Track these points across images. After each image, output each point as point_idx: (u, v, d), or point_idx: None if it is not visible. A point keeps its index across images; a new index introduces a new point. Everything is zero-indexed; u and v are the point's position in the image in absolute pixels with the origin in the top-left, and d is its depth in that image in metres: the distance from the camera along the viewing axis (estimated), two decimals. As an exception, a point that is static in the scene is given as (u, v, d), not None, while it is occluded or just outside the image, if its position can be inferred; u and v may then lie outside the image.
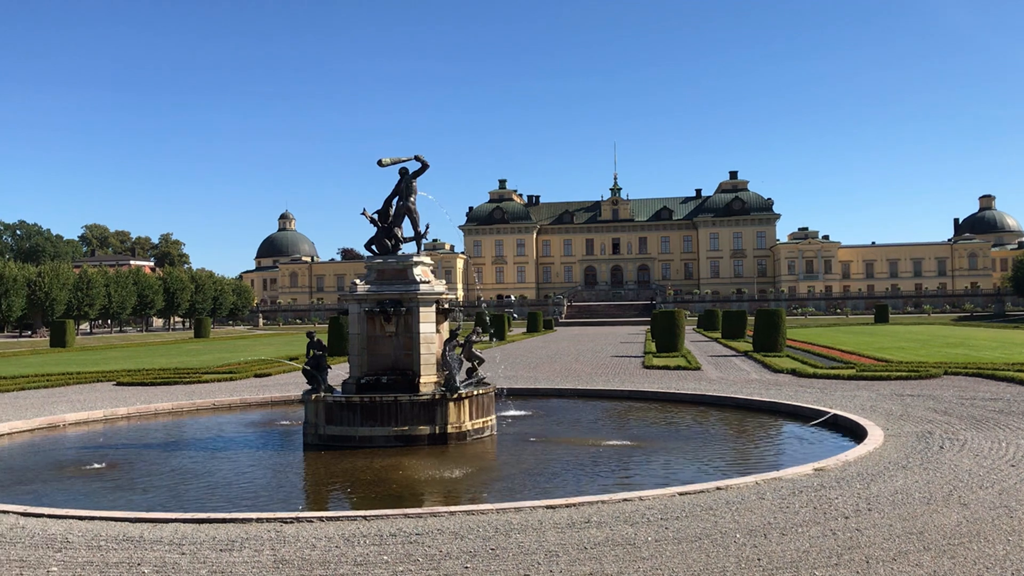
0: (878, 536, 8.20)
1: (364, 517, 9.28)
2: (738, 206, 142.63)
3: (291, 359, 34.97)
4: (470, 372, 17.03)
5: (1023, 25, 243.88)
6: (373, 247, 17.28)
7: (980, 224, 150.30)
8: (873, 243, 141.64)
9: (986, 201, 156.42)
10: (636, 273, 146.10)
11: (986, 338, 48.39)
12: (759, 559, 7.51)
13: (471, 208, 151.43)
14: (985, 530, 8.36)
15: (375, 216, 17.28)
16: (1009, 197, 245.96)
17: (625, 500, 9.82)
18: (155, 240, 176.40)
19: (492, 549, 7.98)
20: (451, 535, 8.51)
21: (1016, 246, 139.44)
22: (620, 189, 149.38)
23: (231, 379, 28.43)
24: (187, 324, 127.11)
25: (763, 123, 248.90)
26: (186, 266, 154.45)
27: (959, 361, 29.18)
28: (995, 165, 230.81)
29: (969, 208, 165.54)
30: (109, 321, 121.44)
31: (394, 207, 17.20)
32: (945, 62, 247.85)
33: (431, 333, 16.48)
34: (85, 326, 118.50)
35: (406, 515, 9.33)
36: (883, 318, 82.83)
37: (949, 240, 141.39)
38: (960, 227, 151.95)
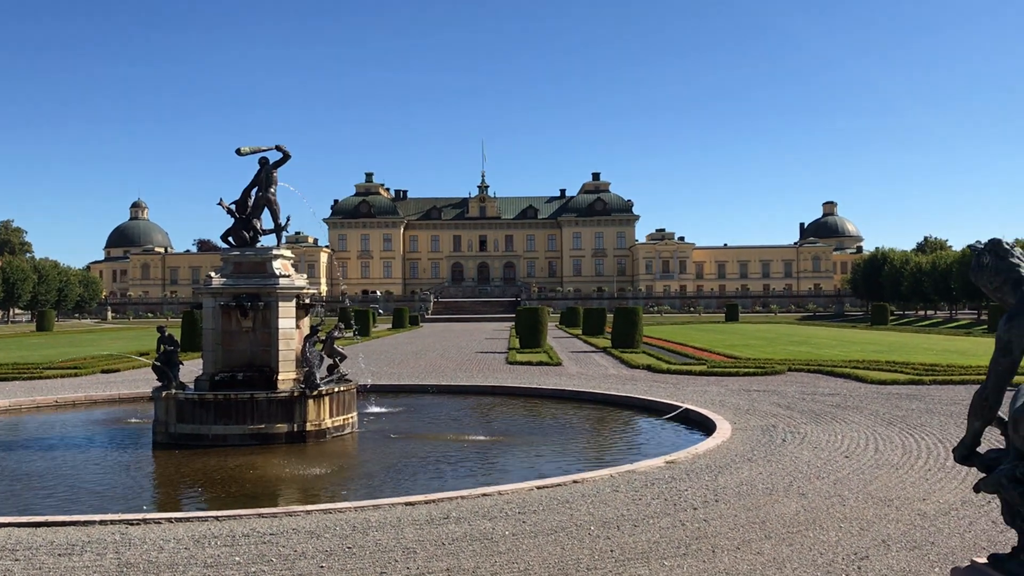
0: (724, 526, 8.58)
1: (216, 518, 8.99)
2: (600, 207, 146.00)
3: (141, 354, 33.50)
4: (331, 369, 16.74)
5: (867, 39, 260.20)
6: (230, 239, 16.74)
7: (823, 229, 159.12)
8: (725, 245, 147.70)
9: (829, 207, 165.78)
10: (502, 270, 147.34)
11: (827, 337, 51.44)
12: (612, 550, 7.72)
13: (336, 201, 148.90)
14: (821, 518, 8.87)
15: (232, 207, 16.73)
16: (850, 204, 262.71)
17: (484, 495, 9.90)
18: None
19: (349, 548, 7.88)
20: (307, 534, 8.35)
21: (855, 250, 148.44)
22: (488, 187, 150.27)
23: (76, 375, 26.97)
24: (29, 317, 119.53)
25: (625, 126, 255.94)
26: (28, 255, 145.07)
27: (802, 358, 30.87)
28: (838, 173, 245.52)
29: (814, 213, 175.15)
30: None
31: (253, 198, 16.70)
32: (793, 74, 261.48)
33: (290, 329, 16.12)
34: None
35: (260, 515, 9.10)
36: (733, 317, 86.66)
37: (795, 244, 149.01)
38: (805, 231, 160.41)
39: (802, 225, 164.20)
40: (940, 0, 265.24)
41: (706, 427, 15.74)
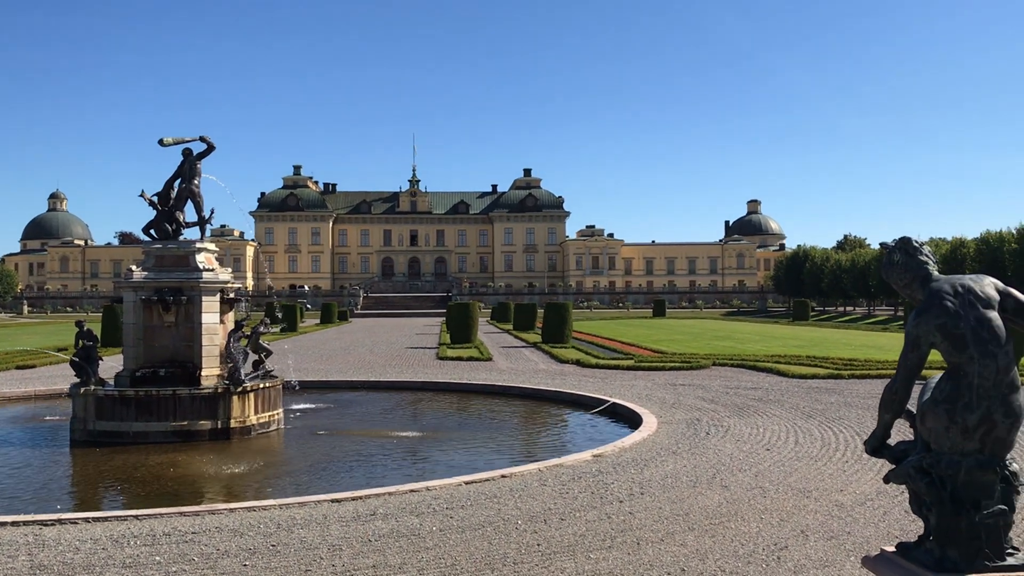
0: (649, 518, 8.71)
1: (135, 517, 8.76)
2: (531, 203, 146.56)
3: (59, 350, 32.45)
4: (257, 364, 16.48)
5: (789, 40, 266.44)
6: (152, 232, 16.33)
7: (747, 227, 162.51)
8: (653, 242, 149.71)
9: (753, 206, 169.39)
10: (433, 265, 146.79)
11: (750, 332, 52.58)
12: (539, 544, 7.77)
13: (263, 194, 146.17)
14: (742, 510, 9.07)
15: (155, 199, 16.32)
16: (773, 202, 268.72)
17: (412, 491, 9.86)
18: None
19: (273, 546, 7.77)
20: (230, 533, 8.21)
21: (778, 248, 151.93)
22: (419, 181, 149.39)
23: (-13, 372, 25.99)
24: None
25: (556, 124, 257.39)
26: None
27: (726, 353, 31.50)
28: (762, 173, 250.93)
29: (738, 212, 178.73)
30: None
31: (176, 190, 16.32)
32: (719, 74, 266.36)
33: (214, 324, 15.80)
34: None
35: (182, 513, 8.91)
36: (661, 312, 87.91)
37: (720, 241, 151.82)
38: (730, 229, 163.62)
39: (727, 223, 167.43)
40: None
41: (633, 421, 15.94)
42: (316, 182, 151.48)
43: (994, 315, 4.26)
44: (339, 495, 9.67)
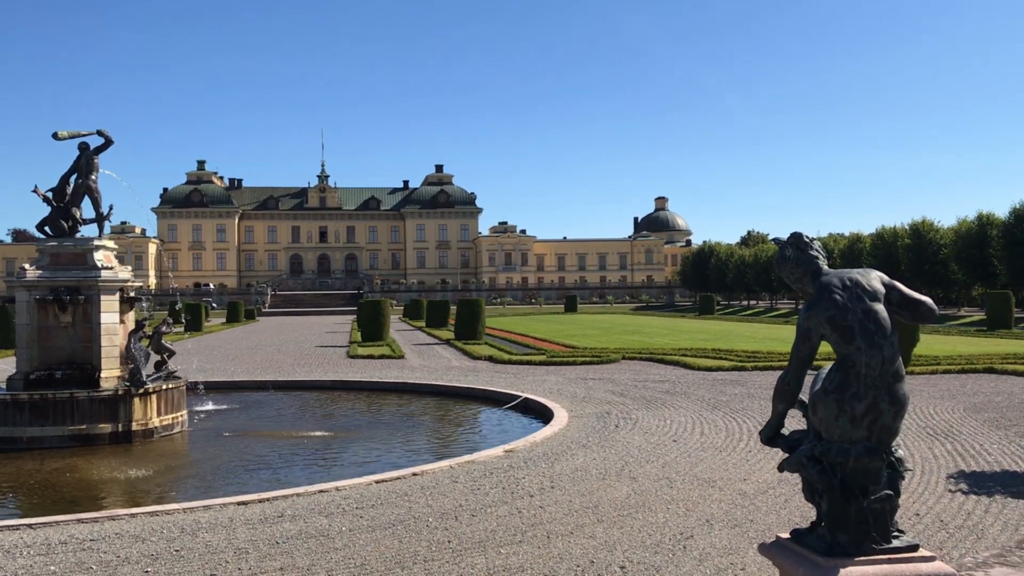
0: (559, 512, 8.81)
1: (29, 525, 8.42)
2: (443, 199, 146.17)
3: (-55, 353, 30.88)
4: (159, 365, 16.03)
5: (697, 39, 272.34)
6: (47, 229, 15.70)
7: (656, 223, 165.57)
8: (565, 238, 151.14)
9: (661, 202, 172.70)
10: (344, 262, 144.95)
11: (658, 326, 53.65)
12: (450, 541, 7.78)
13: (166, 189, 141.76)
14: (650, 501, 9.26)
15: (49, 194, 15.68)
16: (681, 199, 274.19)
17: (321, 491, 9.74)
18: None
19: (177, 551, 7.58)
20: (131, 539, 7.96)
21: (685, 243, 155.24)
22: (328, 176, 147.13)
23: None
24: None
25: (467, 120, 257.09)
26: None
27: (635, 347, 32.06)
28: (669, 170, 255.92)
29: (647, 208, 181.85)
30: None
31: (72, 185, 15.73)
32: (627, 73, 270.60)
33: (114, 324, 15.28)
34: None
35: (80, 520, 8.60)
36: (572, 308, 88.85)
37: (629, 237, 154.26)
38: (639, 225, 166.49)
39: (636, 219, 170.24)
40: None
41: (544, 415, 16.09)
42: (221, 177, 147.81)
43: (880, 307, 4.46)
44: (246, 497, 9.49)
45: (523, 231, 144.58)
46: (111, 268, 15.47)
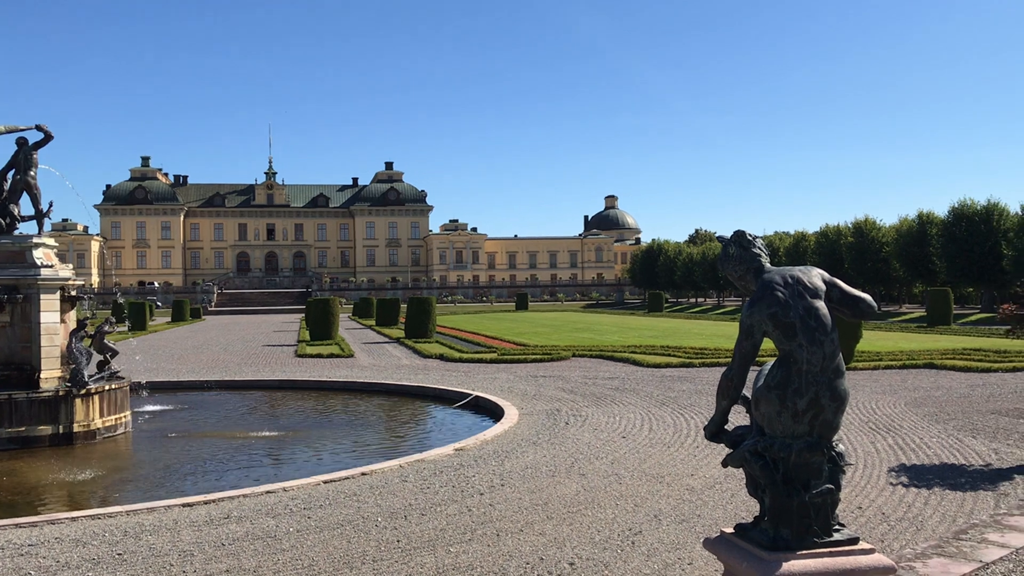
0: (509, 509, 8.82)
1: (-36, 532, 8.18)
2: (393, 196, 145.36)
3: None
4: (102, 365, 15.69)
5: (648, 41, 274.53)
6: (-17, 226, 15.26)
7: (605, 221, 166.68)
8: (516, 236, 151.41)
9: (610, 201, 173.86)
10: (292, 260, 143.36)
11: (608, 323, 54.03)
12: (399, 540, 7.74)
13: (109, 186, 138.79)
14: (599, 497, 9.31)
15: (-15, 191, 15.25)
16: (630, 198, 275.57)
17: (268, 492, 9.63)
18: None
19: (119, 554, 7.42)
20: (72, 543, 7.78)
21: (634, 242, 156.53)
22: (276, 173, 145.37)
23: None
24: None
25: (418, 117, 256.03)
26: None
27: (585, 344, 32.25)
28: (619, 168, 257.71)
29: (597, 206, 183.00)
30: None
31: (10, 181, 15.31)
32: (576, 72, 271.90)
33: (54, 323, 14.92)
34: None
35: (17, 525, 8.37)
36: (523, 305, 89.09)
37: (580, 235, 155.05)
38: (589, 223, 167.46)
39: (586, 218, 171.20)
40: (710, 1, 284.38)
41: (495, 413, 16.10)
42: (166, 174, 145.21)
43: (821, 304, 4.54)
44: (191, 499, 9.34)
45: (474, 229, 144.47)
46: (51, 266, 15.10)
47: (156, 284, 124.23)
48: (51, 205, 15.58)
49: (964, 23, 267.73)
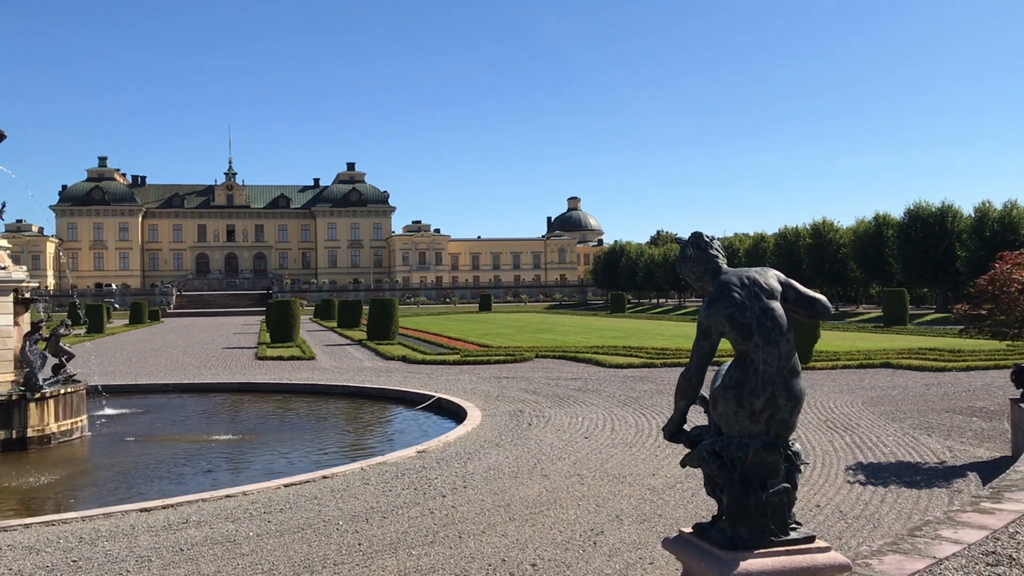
0: (471, 511, 8.81)
1: (-87, 541, 7.98)
2: (355, 197, 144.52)
3: None
4: (57, 369, 15.41)
5: (610, 43, 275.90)
6: (-68, 227, 14.94)
7: (568, 223, 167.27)
8: (479, 237, 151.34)
9: (573, 203, 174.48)
10: (252, 262, 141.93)
11: (571, 324, 54.19)
12: (360, 544, 7.70)
13: (65, 187, 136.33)
14: (561, 497, 9.34)
15: (-65, 191, 14.91)
16: (593, 199, 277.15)
17: (228, 496, 9.52)
18: None
19: (74, 561, 7.30)
20: (25, 550, 7.63)
21: (597, 243, 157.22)
22: (236, 174, 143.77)
23: None
24: None
25: (380, 117, 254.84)
26: None
27: (548, 345, 32.31)
28: (581, 170, 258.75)
29: (560, 208, 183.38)
30: None
31: (-40, 182, 15.00)
32: (540, 74, 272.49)
33: (7, 326, 14.61)
34: None
35: (-32, 533, 8.19)
36: (487, 306, 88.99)
37: (543, 237, 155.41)
38: (552, 225, 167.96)
39: (549, 219, 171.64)
40: (672, 1, 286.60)
41: (458, 415, 16.07)
42: (124, 174, 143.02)
43: (777, 305, 4.59)
44: (148, 504, 9.21)
45: (437, 230, 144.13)
46: (4, 268, 14.80)
47: (114, 286, 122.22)
48: (4, 206, 15.28)
49: (916, 25, 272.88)
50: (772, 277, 4.72)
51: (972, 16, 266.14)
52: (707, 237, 4.88)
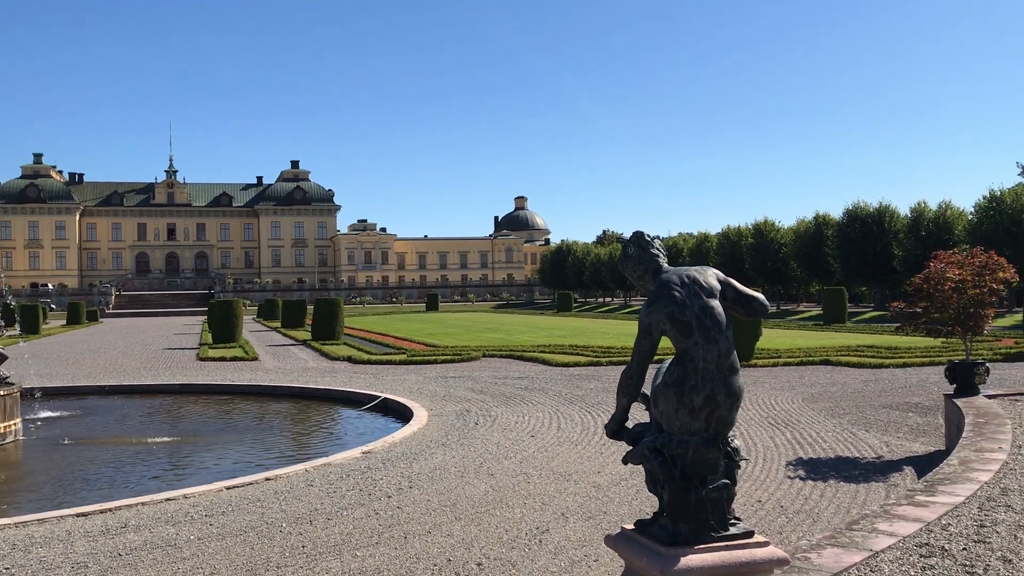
0: (417, 511, 8.77)
1: None
2: (300, 196, 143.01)
3: None
4: (-11, 371, 14.98)
5: (556, 43, 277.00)
6: None
7: (515, 222, 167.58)
8: (426, 236, 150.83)
9: (520, 202, 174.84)
10: (194, 261, 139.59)
11: (518, 323, 54.32)
12: (304, 546, 7.62)
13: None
14: (507, 497, 9.35)
15: None
16: (540, 199, 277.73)
17: (168, 499, 9.35)
18: None
19: (7, 568, 7.10)
20: (-45, 559, 7.40)
21: (544, 242, 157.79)
22: (176, 172, 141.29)
23: None
24: None
25: (324, 116, 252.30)
26: None
27: (496, 344, 32.34)
28: (528, 170, 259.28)
29: (507, 207, 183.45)
30: None
31: None
32: (486, 73, 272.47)
33: (-64, 327, 14.17)
34: None
35: None
36: (434, 306, 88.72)
37: (490, 236, 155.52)
38: (499, 224, 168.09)
39: (496, 218, 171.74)
40: (623, 4, 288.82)
41: (404, 415, 15.99)
42: (60, 172, 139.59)
43: (716, 303, 4.66)
44: (85, 508, 8.99)
45: (383, 229, 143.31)
46: (-68, 268, 14.36)
47: (50, 286, 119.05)
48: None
49: (853, 30, 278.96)
50: (711, 276, 4.78)
51: (907, 21, 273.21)
52: (648, 236, 4.93)
